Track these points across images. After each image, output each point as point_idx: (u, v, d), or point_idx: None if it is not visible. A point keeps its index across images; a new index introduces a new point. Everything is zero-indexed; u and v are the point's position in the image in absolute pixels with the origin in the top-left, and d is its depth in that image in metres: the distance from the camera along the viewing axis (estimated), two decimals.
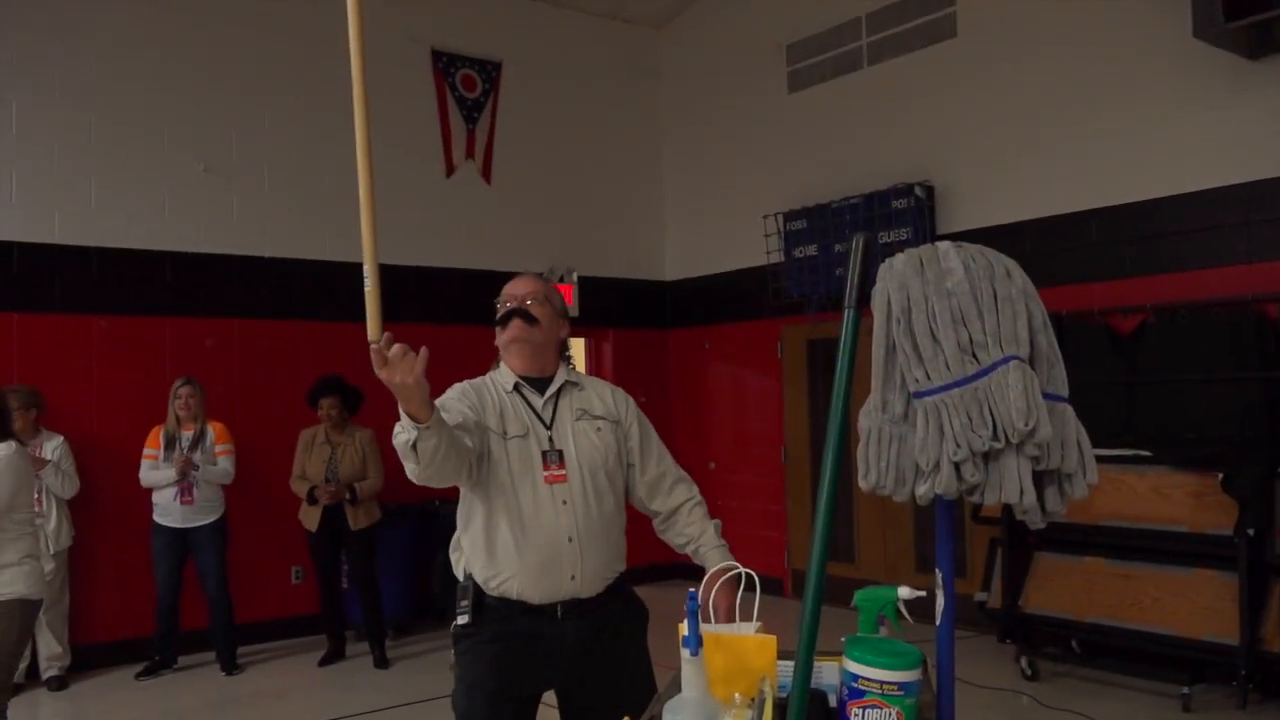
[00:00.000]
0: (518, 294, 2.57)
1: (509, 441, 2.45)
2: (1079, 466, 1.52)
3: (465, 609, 2.45)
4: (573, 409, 2.55)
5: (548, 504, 2.42)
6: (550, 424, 2.51)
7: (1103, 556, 5.54)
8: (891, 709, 1.51)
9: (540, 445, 2.47)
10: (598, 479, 2.49)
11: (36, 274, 6.21)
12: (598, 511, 2.47)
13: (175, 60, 6.67)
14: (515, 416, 2.49)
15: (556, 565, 2.40)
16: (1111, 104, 5.98)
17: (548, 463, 2.46)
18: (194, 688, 5.93)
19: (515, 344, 2.54)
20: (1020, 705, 5.16)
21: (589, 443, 2.52)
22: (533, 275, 2.69)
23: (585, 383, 2.65)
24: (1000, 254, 1.58)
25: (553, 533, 2.41)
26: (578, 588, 2.42)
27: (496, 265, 7.88)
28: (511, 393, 2.54)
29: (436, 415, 2.13)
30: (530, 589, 2.40)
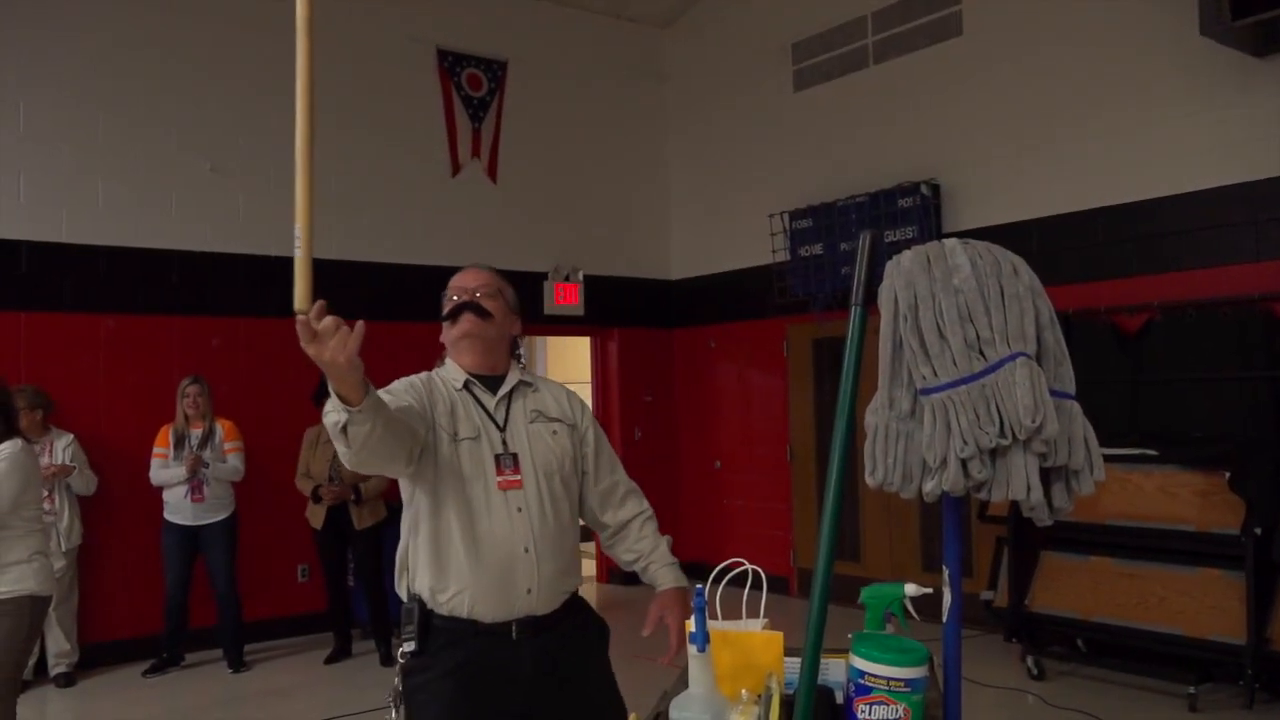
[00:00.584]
0: (468, 286, 2.39)
1: (460, 444, 2.26)
2: (1086, 463, 1.52)
3: (411, 634, 2.23)
4: (526, 410, 2.37)
5: (501, 511, 2.23)
6: (504, 426, 2.33)
7: (1109, 556, 5.53)
8: (898, 705, 1.52)
9: (493, 448, 2.28)
10: (554, 485, 2.32)
11: (44, 273, 6.23)
12: (554, 520, 2.29)
13: (181, 60, 6.69)
14: (466, 416, 2.30)
15: (511, 578, 2.21)
16: (1117, 102, 5.97)
17: (501, 467, 2.27)
18: (201, 685, 5.95)
19: (466, 339, 2.35)
20: (1026, 704, 5.16)
21: (544, 446, 2.34)
22: (484, 267, 2.49)
23: (539, 384, 2.47)
24: (1007, 251, 1.58)
25: (507, 542, 2.22)
26: (533, 603, 2.23)
27: (503, 264, 7.82)
28: (461, 390, 2.35)
29: (371, 398, 1.93)
30: (483, 605, 2.21)
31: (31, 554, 3.40)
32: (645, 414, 8.70)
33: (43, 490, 5.74)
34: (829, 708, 1.58)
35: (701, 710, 1.62)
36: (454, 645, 2.22)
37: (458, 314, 2.36)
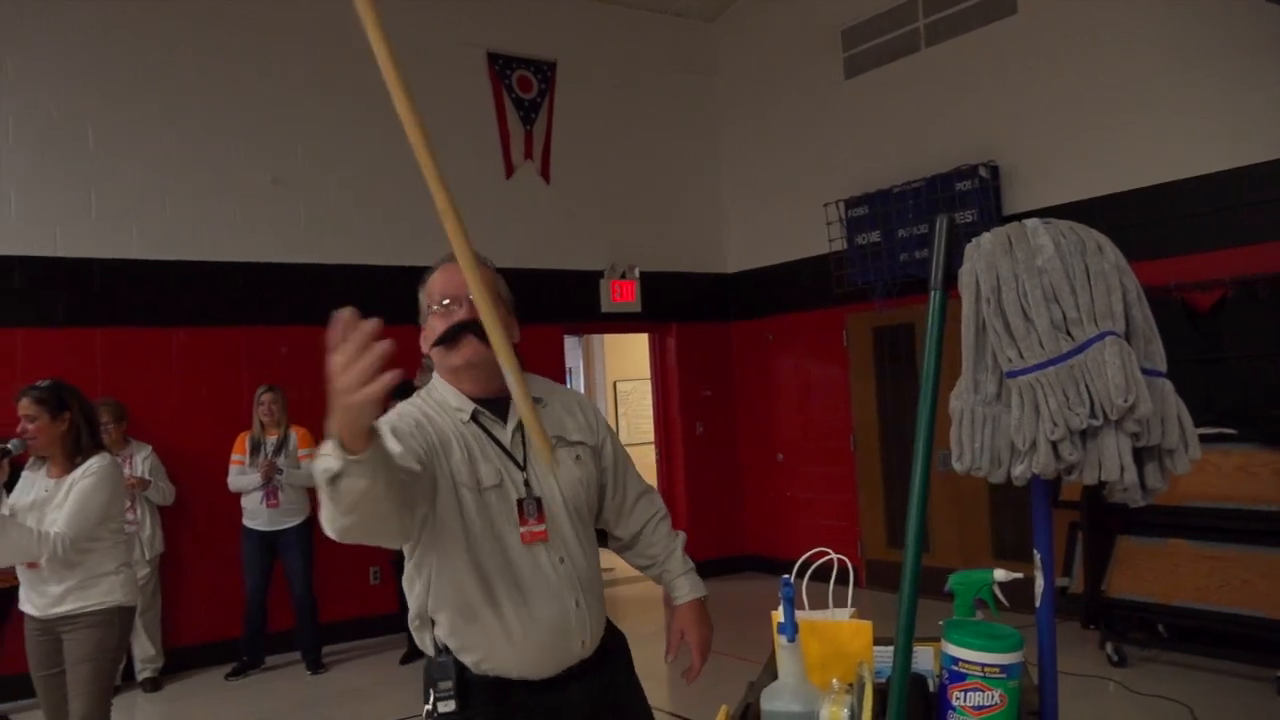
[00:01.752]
0: (459, 294, 1.97)
1: (485, 494, 1.93)
2: (1180, 442, 1.49)
3: (448, 693, 1.91)
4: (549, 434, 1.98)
5: (545, 566, 1.95)
6: (524, 463, 1.99)
7: (1188, 538, 5.41)
8: (994, 691, 1.50)
9: (515, 492, 1.95)
10: (584, 519, 2.05)
11: (117, 289, 6.40)
12: (591, 559, 2.04)
13: (242, 74, 6.83)
14: (484, 457, 1.95)
15: (565, 637, 1.95)
16: (1180, 74, 5.83)
17: (524, 515, 1.93)
18: (282, 687, 6.08)
19: (470, 369, 1.99)
20: (1107, 692, 5.07)
21: (572, 478, 2.02)
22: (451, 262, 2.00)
23: (547, 396, 2.10)
24: (1091, 229, 1.56)
25: (558, 600, 1.95)
26: (585, 651, 2.00)
27: (559, 264, 7.95)
28: (469, 423, 1.99)
29: (376, 446, 1.56)
30: (535, 669, 1.95)
31: (119, 565, 3.49)
32: (705, 408, 8.69)
33: (125, 502, 5.93)
34: (923, 695, 1.57)
35: (793, 700, 1.62)
36: (499, 702, 1.95)
37: (457, 337, 1.97)
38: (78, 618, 3.39)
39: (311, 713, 5.57)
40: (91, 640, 3.40)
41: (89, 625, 3.40)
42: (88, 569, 3.40)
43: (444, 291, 2.00)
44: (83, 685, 3.40)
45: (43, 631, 3.45)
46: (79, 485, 3.36)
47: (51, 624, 3.42)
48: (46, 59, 6.21)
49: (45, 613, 3.41)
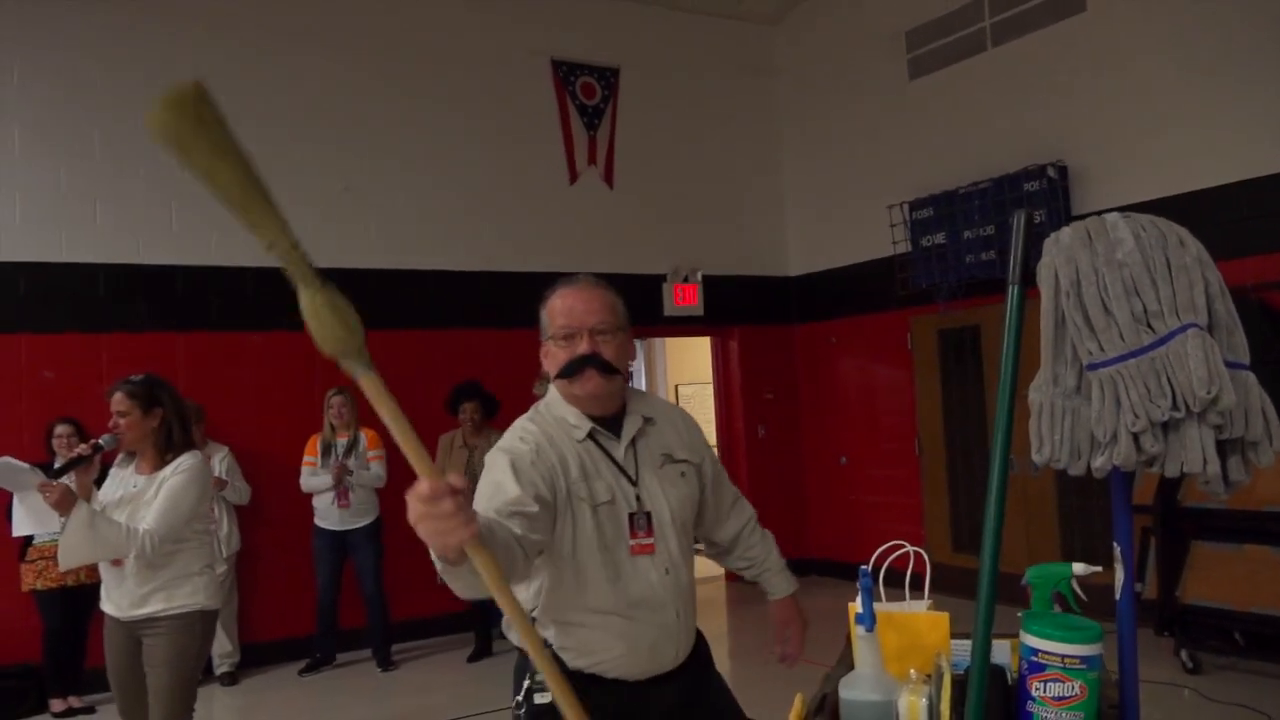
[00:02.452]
0: (585, 325, 2.05)
1: (599, 509, 2.02)
2: (1265, 434, 1.49)
3: (544, 685, 1.94)
4: (654, 454, 2.12)
5: (652, 577, 2.04)
6: (636, 478, 2.08)
7: (1267, 544, 5.28)
8: (1074, 682, 1.51)
9: (627, 506, 2.04)
10: (687, 533, 2.15)
11: (196, 295, 6.60)
12: (691, 572, 2.15)
13: (313, 83, 7.00)
14: (598, 474, 2.04)
15: (665, 646, 2.06)
16: (1252, 69, 5.70)
17: (635, 529, 2.03)
18: (353, 683, 6.21)
19: (595, 400, 2.08)
20: (1182, 699, 4.97)
21: (678, 494, 2.12)
22: (595, 286, 2.14)
23: (656, 414, 2.19)
24: (1172, 223, 1.56)
25: (660, 611, 2.04)
26: (679, 659, 2.10)
27: (621, 267, 8.01)
28: (585, 441, 2.08)
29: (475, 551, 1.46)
30: (632, 672, 2.04)
31: (204, 566, 3.43)
32: (768, 411, 8.69)
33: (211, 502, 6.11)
34: (1002, 686, 1.58)
35: (871, 690, 1.64)
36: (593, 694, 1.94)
37: (579, 371, 2.05)
38: (160, 620, 3.32)
39: (382, 708, 5.68)
40: (174, 645, 3.33)
41: (171, 629, 3.33)
42: (173, 569, 3.34)
43: (565, 324, 2.07)
44: (163, 691, 3.33)
45: (122, 632, 3.38)
46: (169, 482, 3.30)
47: (133, 625, 3.35)
48: (129, 70, 6.43)
49: (127, 613, 3.33)
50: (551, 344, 2.10)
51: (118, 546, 3.22)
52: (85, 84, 6.34)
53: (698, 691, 2.17)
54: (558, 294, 2.13)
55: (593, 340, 2.05)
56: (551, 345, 2.10)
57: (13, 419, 5.94)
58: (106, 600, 3.40)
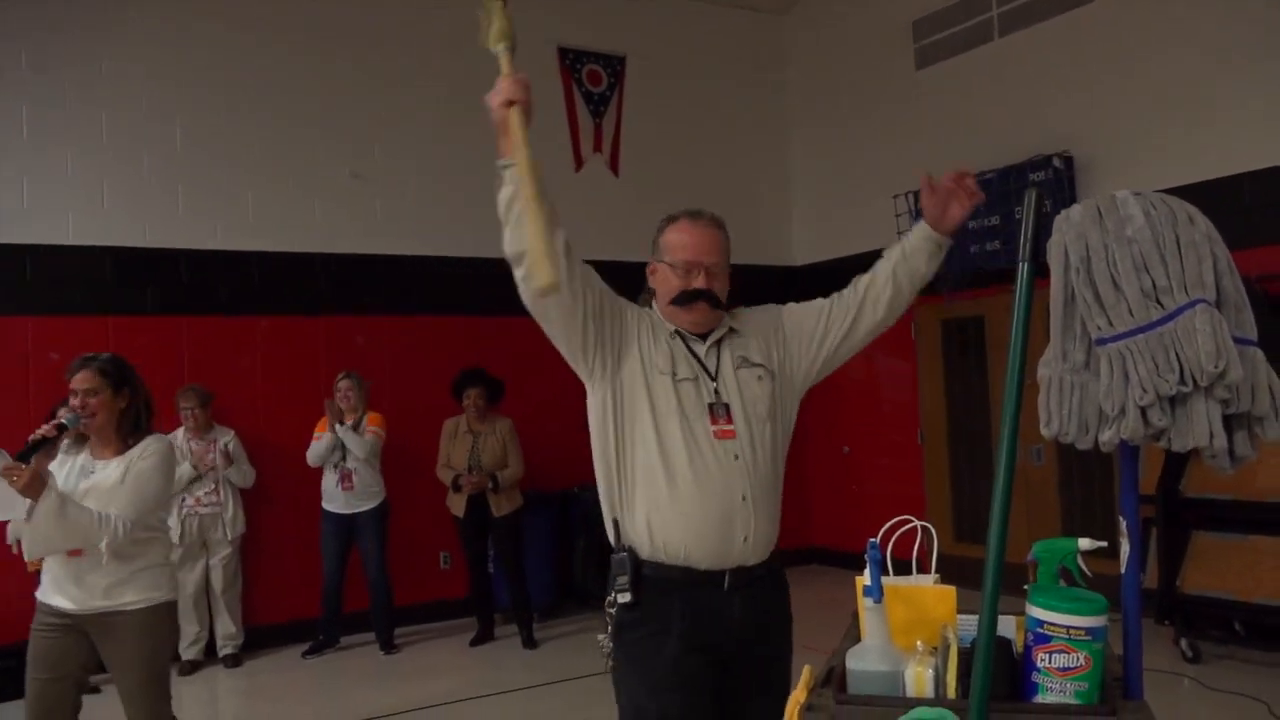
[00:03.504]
0: (705, 262, 2.31)
1: (679, 384, 2.25)
2: (1271, 409, 1.51)
3: (625, 585, 2.23)
4: (734, 356, 2.33)
5: (722, 457, 2.23)
6: (715, 374, 2.30)
7: (1268, 534, 5.30)
8: (1079, 653, 1.53)
9: (707, 397, 2.27)
10: (764, 431, 2.29)
11: (202, 280, 6.62)
12: (768, 468, 2.29)
13: (325, 70, 7.00)
14: (681, 359, 2.28)
15: (730, 525, 2.20)
16: (1258, 62, 5.70)
17: (715, 416, 2.25)
18: (356, 666, 6.24)
19: (695, 325, 2.33)
20: (1182, 687, 5.00)
21: (753, 393, 2.31)
22: (714, 225, 2.38)
23: (743, 326, 2.40)
24: (1182, 200, 1.58)
25: (727, 490, 2.21)
26: (747, 552, 2.23)
27: (626, 255, 7.95)
28: (673, 338, 2.33)
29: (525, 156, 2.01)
30: (699, 551, 2.21)
31: (165, 557, 3.32)
32: None
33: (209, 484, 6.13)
34: (1007, 657, 1.60)
35: (878, 660, 1.66)
36: (668, 595, 2.22)
37: (692, 302, 2.30)
38: (123, 614, 3.15)
39: (384, 690, 5.71)
40: (148, 639, 3.21)
41: (143, 622, 3.18)
42: (145, 559, 3.20)
43: (688, 256, 2.32)
44: (140, 690, 3.21)
45: (68, 628, 3.16)
46: (137, 467, 3.16)
47: (87, 619, 3.15)
48: (136, 58, 6.45)
49: (84, 606, 3.13)
50: (668, 269, 2.35)
51: (89, 534, 3.06)
52: (93, 70, 6.34)
53: (768, 611, 2.30)
54: (680, 225, 2.39)
55: (708, 276, 2.30)
56: (667, 270, 2.35)
57: (20, 402, 5.96)
58: (57, 594, 3.17)
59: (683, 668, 2.18)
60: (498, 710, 5.32)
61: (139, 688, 3.21)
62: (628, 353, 2.29)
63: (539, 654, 6.32)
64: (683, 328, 2.34)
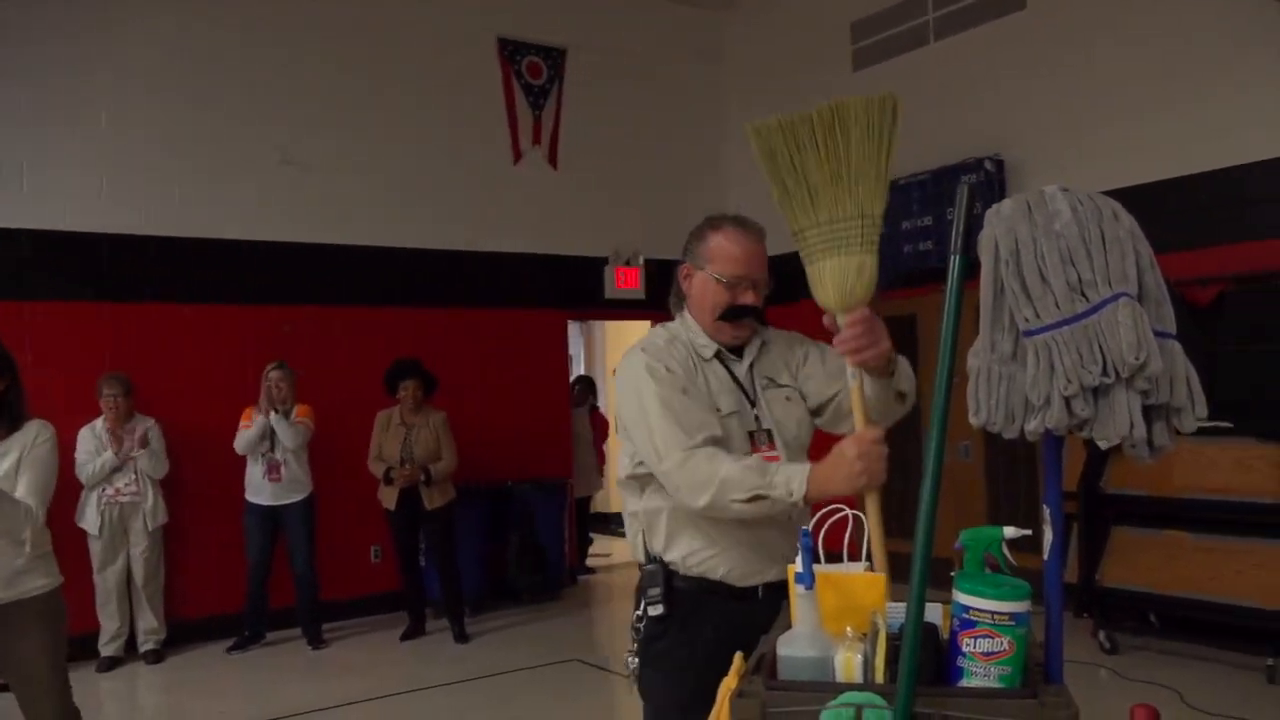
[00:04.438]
0: (754, 277, 2.25)
1: (724, 420, 2.19)
2: (1188, 400, 1.56)
3: (657, 598, 2.18)
4: (763, 378, 2.30)
5: None
6: (754, 398, 2.25)
7: (1183, 530, 5.49)
8: (1003, 638, 1.56)
9: (747, 425, 2.22)
10: (794, 455, 2.25)
11: (125, 265, 6.44)
12: None
13: (255, 53, 6.87)
14: (722, 389, 2.23)
15: (770, 546, 2.16)
16: (1186, 71, 5.89)
17: (756, 444, 2.20)
18: (283, 661, 6.14)
19: (737, 339, 2.28)
20: (1099, 678, 5.15)
21: (782, 414, 2.27)
22: (761, 239, 2.31)
23: (772, 341, 2.36)
24: (1107, 197, 1.62)
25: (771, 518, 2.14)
26: (783, 570, 2.01)
27: (564, 250, 8.00)
28: (712, 360, 2.27)
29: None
30: (736, 570, 2.17)
31: (49, 544, 3.22)
32: None
33: (130, 473, 5.96)
34: (934, 643, 1.63)
35: (808, 647, 1.68)
36: (700, 608, 2.18)
37: (740, 318, 2.24)
38: (31, 600, 3.07)
39: (312, 686, 5.62)
40: (53, 624, 3.13)
41: (47, 608, 3.11)
42: (43, 544, 3.13)
43: (739, 271, 2.23)
44: (49, 680, 3.12)
45: None
46: (34, 453, 3.07)
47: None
48: (60, 38, 6.25)
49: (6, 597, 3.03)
50: (712, 280, 2.24)
51: (17, 525, 2.96)
52: (13, 53, 6.13)
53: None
54: (730, 234, 2.28)
55: (754, 291, 2.25)
56: (711, 281, 2.24)
57: None
58: None
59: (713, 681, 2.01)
60: (429, 704, 5.27)
61: (50, 674, 3.13)
62: None
63: (469, 649, 6.28)
64: (724, 342, 2.29)
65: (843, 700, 1.53)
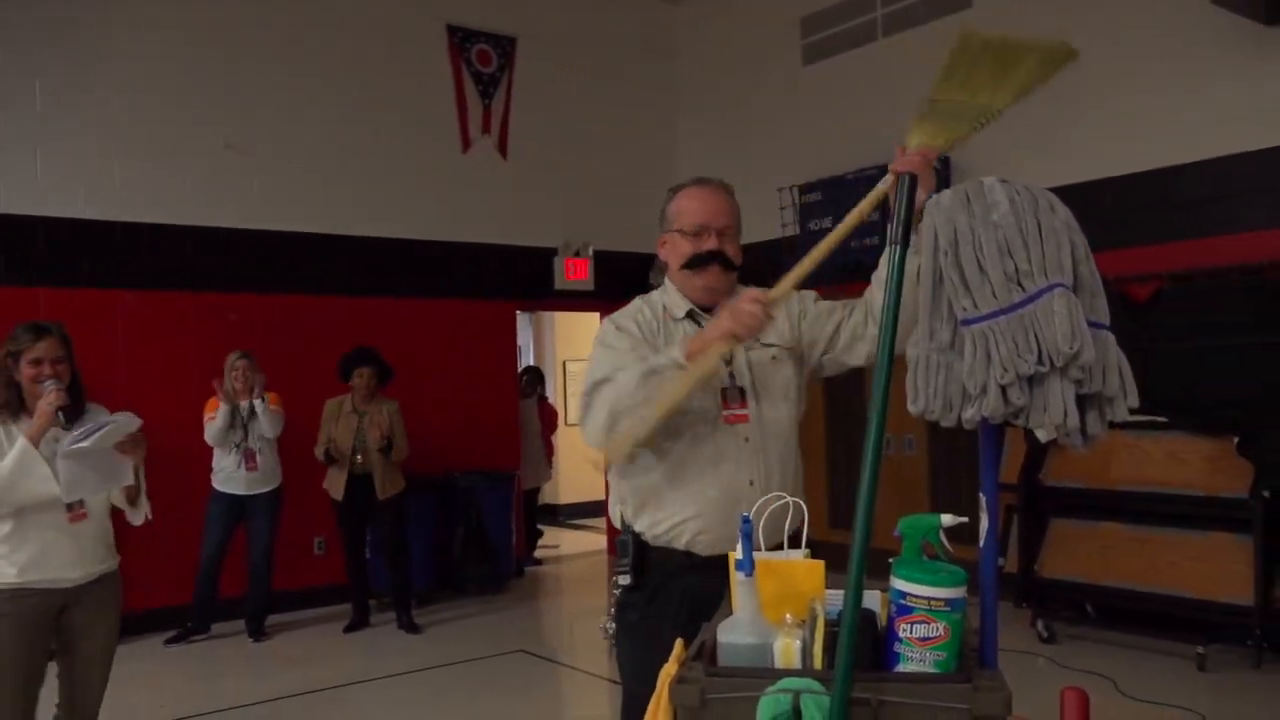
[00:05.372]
0: (717, 225, 2.27)
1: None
2: (1120, 390, 1.59)
3: (625, 566, 2.23)
4: None
5: (729, 443, 2.20)
6: (730, 358, 2.21)
7: (1119, 522, 5.61)
8: (939, 624, 1.58)
9: (721, 381, 2.21)
10: (777, 413, 2.26)
11: (63, 249, 6.28)
12: (780, 451, 2.25)
13: (198, 38, 6.73)
14: None
15: (734, 509, 2.08)
16: (1128, 71, 6.00)
17: (728, 400, 2.21)
18: (224, 654, 6.05)
19: (710, 291, 2.28)
20: (1037, 666, 5.25)
21: (765, 373, 2.26)
22: (723, 189, 2.33)
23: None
24: (1044, 189, 1.64)
25: (733, 475, 2.19)
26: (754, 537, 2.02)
27: (514, 240, 7.96)
28: (683, 320, 2.30)
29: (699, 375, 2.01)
30: (703, 537, 2.19)
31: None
32: None
33: None
34: (871, 629, 1.65)
35: (748, 633, 1.68)
36: (669, 580, 2.21)
37: (705, 264, 2.27)
38: (110, 577, 3.14)
39: (253, 680, 5.53)
40: (118, 603, 3.18)
41: (115, 584, 3.17)
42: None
43: (699, 220, 2.28)
44: (106, 661, 3.13)
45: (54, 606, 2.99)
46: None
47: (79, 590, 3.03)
48: None
49: (90, 574, 3.05)
50: (678, 236, 2.31)
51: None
52: None
53: None
54: (689, 192, 2.34)
55: (720, 239, 2.27)
56: (678, 237, 2.31)
57: None
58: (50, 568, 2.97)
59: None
60: (374, 696, 5.22)
61: (104, 661, 3.15)
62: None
63: (415, 641, 6.23)
64: (696, 299, 2.31)
65: (781, 686, 1.54)
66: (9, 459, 2.89)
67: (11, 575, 2.94)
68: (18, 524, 2.95)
